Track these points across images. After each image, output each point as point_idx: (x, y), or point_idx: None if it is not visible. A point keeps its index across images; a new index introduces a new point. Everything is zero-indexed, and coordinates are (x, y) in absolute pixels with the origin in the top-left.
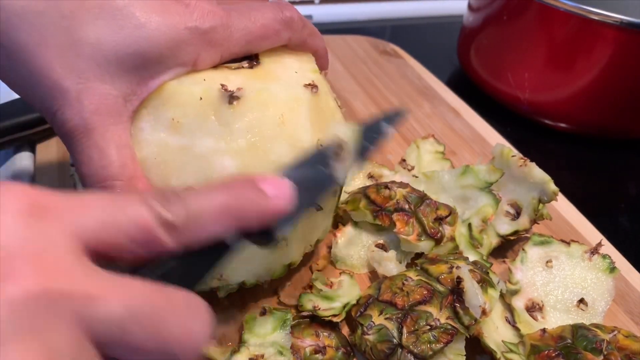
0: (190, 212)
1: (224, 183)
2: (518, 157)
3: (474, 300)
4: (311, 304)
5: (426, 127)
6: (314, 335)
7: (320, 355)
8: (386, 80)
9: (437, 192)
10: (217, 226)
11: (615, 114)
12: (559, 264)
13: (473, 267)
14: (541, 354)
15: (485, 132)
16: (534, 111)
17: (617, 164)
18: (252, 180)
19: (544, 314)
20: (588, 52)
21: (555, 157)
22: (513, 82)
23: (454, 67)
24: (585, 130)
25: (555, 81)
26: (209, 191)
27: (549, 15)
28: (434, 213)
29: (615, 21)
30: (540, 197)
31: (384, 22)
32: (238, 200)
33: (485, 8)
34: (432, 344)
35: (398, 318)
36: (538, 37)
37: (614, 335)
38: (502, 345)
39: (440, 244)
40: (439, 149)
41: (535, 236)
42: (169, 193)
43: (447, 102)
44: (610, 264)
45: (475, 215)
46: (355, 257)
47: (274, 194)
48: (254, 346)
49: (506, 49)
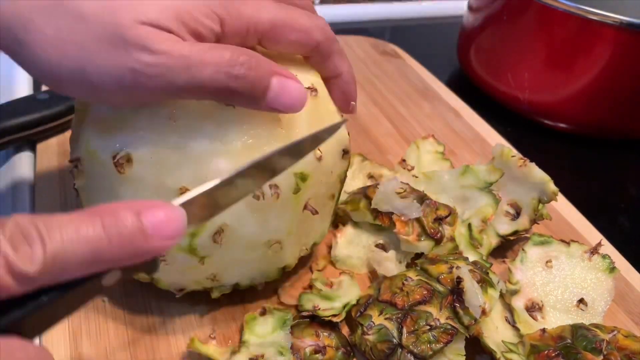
0: (50, 257)
1: (100, 212)
2: (518, 157)
3: (474, 300)
4: (311, 304)
5: (426, 127)
6: (314, 335)
7: (320, 355)
8: (386, 81)
9: (437, 192)
10: (83, 272)
11: (615, 114)
12: (558, 264)
13: (473, 267)
14: (541, 354)
15: (485, 132)
16: (534, 111)
17: (617, 164)
18: (136, 210)
19: (543, 314)
20: (588, 52)
21: (555, 157)
22: (513, 83)
23: (454, 68)
24: (585, 130)
25: (555, 81)
26: (80, 225)
27: (548, 16)
28: (433, 213)
29: (615, 21)
30: (540, 197)
31: (384, 23)
32: (112, 241)
33: (485, 8)
34: (432, 344)
35: (398, 318)
36: (538, 38)
37: (613, 335)
38: (501, 345)
39: (440, 244)
40: (439, 149)
41: (535, 236)
42: (30, 227)
43: (447, 103)
44: (610, 264)
45: (475, 216)
46: (355, 257)
47: (158, 230)
48: (254, 346)
49: (506, 49)
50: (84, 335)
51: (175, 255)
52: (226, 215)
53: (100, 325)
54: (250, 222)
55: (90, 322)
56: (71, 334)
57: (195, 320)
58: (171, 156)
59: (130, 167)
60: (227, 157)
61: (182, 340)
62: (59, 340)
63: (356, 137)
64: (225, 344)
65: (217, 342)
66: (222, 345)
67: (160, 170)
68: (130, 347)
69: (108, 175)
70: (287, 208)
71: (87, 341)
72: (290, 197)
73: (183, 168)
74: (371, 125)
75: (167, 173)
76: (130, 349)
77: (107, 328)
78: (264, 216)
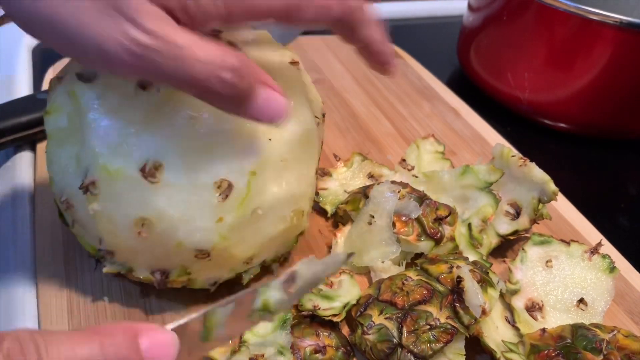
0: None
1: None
2: (518, 157)
3: (474, 299)
4: (311, 304)
5: (426, 127)
6: (314, 335)
7: (320, 355)
8: (386, 81)
9: (437, 192)
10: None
11: (615, 114)
12: (558, 264)
13: (473, 267)
14: (541, 353)
15: (485, 132)
16: (534, 111)
17: (617, 164)
18: (133, 333)
19: (543, 314)
20: (588, 52)
21: (555, 157)
22: (513, 82)
23: (453, 67)
24: (585, 130)
25: (555, 81)
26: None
27: (548, 16)
28: (433, 213)
29: (615, 21)
30: (540, 197)
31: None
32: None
33: (485, 8)
34: (432, 343)
35: (398, 318)
36: (538, 37)
37: (613, 335)
38: (502, 345)
39: (440, 244)
40: (439, 149)
41: (535, 236)
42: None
43: (447, 102)
44: (610, 263)
45: (475, 215)
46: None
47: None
48: (254, 346)
49: (506, 49)
50: None
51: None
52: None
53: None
54: (274, 189)
55: (90, 322)
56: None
57: None
58: (200, 152)
59: (162, 173)
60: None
61: None
62: None
63: (356, 137)
64: (225, 344)
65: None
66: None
67: (192, 169)
68: None
69: (137, 189)
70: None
71: None
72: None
73: (215, 160)
74: (371, 125)
75: (199, 170)
76: None
77: None
78: (284, 179)
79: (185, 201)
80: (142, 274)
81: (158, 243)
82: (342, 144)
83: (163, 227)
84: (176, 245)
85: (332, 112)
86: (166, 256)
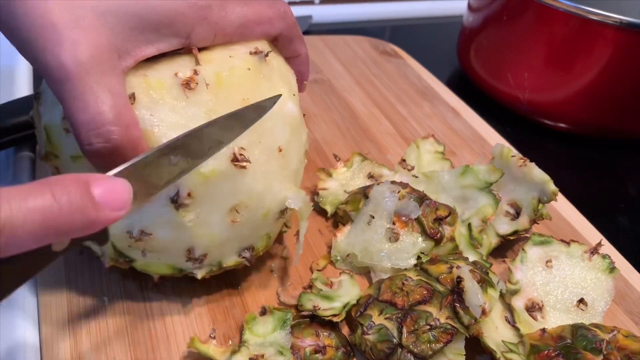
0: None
1: (49, 182)
2: (518, 157)
3: (474, 299)
4: (311, 304)
5: (426, 127)
6: (314, 335)
7: (320, 355)
8: (386, 80)
9: (437, 192)
10: (34, 242)
11: (615, 114)
12: (558, 264)
13: (473, 267)
14: (541, 353)
15: (485, 132)
16: (534, 111)
17: (617, 164)
18: (84, 182)
19: (543, 314)
20: (588, 52)
21: (555, 157)
22: (513, 83)
23: (453, 68)
24: (585, 130)
25: (555, 81)
26: (29, 196)
27: (548, 16)
28: (433, 213)
29: (615, 21)
30: (540, 197)
31: (384, 22)
32: (62, 211)
33: (485, 8)
34: (432, 343)
35: (398, 318)
36: (538, 37)
37: (613, 335)
38: (501, 345)
39: (440, 244)
40: (439, 149)
41: (535, 236)
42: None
43: (447, 102)
44: (610, 264)
45: (475, 215)
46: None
47: (107, 200)
48: (254, 346)
49: (506, 49)
50: (84, 335)
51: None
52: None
53: (100, 325)
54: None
55: (90, 322)
56: (71, 334)
57: (196, 320)
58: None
59: (247, 156)
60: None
61: (182, 340)
62: (59, 340)
63: (356, 137)
64: (225, 344)
65: (217, 341)
66: (222, 345)
67: (261, 143)
68: (130, 346)
69: (228, 180)
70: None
71: (87, 341)
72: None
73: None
74: (371, 125)
75: (264, 143)
76: (130, 348)
77: (107, 328)
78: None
79: (264, 172)
80: (231, 262)
81: (247, 222)
82: (342, 144)
83: (253, 205)
84: (263, 217)
85: (332, 112)
86: (254, 231)
